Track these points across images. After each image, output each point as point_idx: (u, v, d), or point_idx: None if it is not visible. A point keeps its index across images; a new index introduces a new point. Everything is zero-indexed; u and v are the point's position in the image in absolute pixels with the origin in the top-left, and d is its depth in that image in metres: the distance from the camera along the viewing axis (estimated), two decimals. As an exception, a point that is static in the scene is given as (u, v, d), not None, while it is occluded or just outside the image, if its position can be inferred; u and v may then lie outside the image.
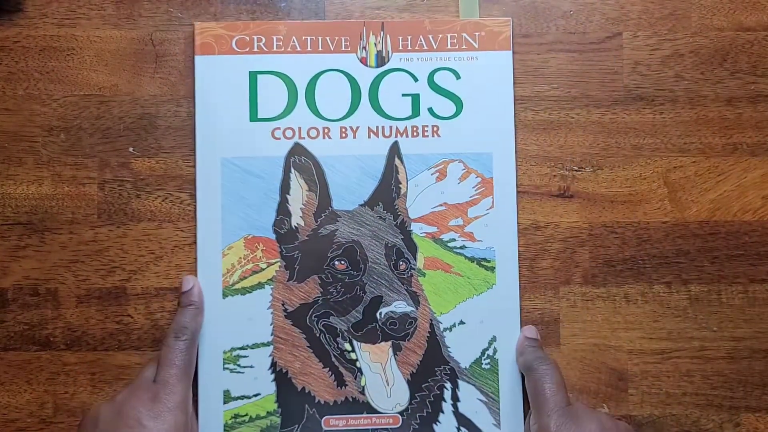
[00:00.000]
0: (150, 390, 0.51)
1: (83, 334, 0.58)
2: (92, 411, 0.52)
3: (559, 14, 0.59)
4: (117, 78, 0.59)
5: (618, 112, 0.59)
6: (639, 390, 0.58)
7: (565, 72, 0.59)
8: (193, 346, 0.54)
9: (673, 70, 0.59)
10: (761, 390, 0.58)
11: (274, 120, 0.58)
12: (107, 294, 0.58)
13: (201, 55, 0.58)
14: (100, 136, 0.59)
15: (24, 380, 0.58)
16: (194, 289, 0.56)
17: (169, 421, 0.50)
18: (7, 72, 0.59)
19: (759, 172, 0.59)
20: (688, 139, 0.59)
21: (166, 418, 0.50)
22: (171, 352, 0.53)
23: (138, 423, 0.49)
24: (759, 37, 0.59)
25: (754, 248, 0.58)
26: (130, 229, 0.58)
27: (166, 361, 0.52)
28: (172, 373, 0.52)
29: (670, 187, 0.59)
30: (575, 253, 0.58)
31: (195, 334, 0.55)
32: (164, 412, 0.50)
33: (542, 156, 0.59)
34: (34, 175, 0.59)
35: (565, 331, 0.58)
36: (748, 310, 0.58)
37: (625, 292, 0.58)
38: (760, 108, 0.59)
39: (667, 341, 0.58)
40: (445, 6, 0.59)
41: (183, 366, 0.52)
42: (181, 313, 0.55)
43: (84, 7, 0.59)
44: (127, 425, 0.49)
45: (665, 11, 0.59)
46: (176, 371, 0.52)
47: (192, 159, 0.58)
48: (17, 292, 0.58)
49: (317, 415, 0.57)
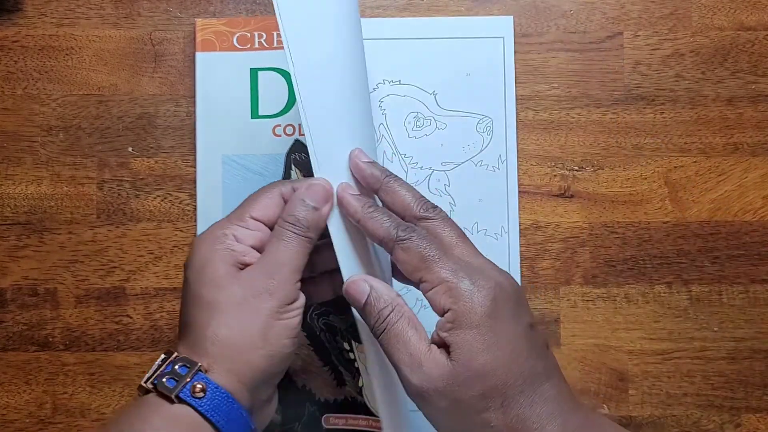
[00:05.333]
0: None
1: (82, 335, 0.58)
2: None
3: (559, 14, 0.59)
4: (116, 77, 0.59)
5: (618, 111, 0.59)
6: (639, 390, 0.58)
7: (565, 72, 0.59)
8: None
9: (673, 69, 0.59)
10: (762, 390, 0.58)
11: (275, 117, 0.58)
12: (106, 294, 0.58)
13: (202, 51, 0.58)
14: (99, 136, 0.59)
15: (23, 380, 0.58)
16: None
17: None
18: (5, 71, 0.59)
19: (760, 172, 0.59)
20: (688, 139, 0.59)
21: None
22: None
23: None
24: (760, 37, 0.59)
25: (754, 248, 0.58)
26: (129, 229, 0.58)
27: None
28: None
29: (671, 187, 0.59)
30: (576, 253, 0.58)
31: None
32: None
33: (542, 156, 0.59)
34: (32, 174, 0.58)
35: (566, 332, 0.58)
36: (749, 310, 0.58)
37: (625, 292, 0.58)
38: (761, 108, 0.59)
39: (667, 341, 0.58)
40: (445, 6, 0.59)
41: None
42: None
43: (83, 6, 0.59)
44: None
45: (666, 11, 0.59)
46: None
47: (191, 159, 0.58)
48: (16, 293, 0.58)
49: (318, 413, 0.56)
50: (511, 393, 0.39)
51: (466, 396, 0.39)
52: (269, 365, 0.42)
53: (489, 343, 0.39)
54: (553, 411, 0.39)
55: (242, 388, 0.41)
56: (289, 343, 0.43)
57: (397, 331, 0.41)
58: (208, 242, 0.44)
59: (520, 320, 0.41)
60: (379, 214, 0.43)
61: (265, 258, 0.43)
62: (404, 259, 0.42)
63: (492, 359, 0.39)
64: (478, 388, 0.39)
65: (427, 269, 0.41)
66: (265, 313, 0.42)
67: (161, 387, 0.40)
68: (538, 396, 0.39)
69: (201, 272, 0.43)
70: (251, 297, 0.42)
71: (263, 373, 0.42)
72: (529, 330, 0.41)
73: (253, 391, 0.42)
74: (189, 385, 0.40)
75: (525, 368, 0.40)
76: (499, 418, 0.39)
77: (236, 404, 0.41)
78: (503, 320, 0.40)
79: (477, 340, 0.39)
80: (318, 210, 0.44)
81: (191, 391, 0.40)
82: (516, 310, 0.41)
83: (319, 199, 0.44)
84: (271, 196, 0.45)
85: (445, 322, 0.40)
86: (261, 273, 0.42)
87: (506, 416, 0.39)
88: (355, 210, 0.44)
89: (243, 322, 0.42)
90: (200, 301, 0.42)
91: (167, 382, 0.40)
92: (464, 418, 0.39)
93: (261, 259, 0.43)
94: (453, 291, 0.40)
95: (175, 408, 0.40)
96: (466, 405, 0.39)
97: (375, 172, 0.45)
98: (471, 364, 0.39)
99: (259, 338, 0.42)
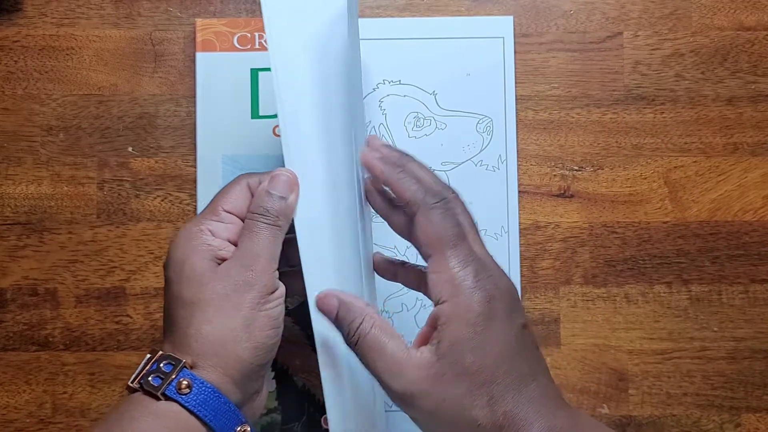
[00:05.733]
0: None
1: (82, 335, 0.58)
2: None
3: (559, 14, 0.59)
4: (116, 77, 0.59)
5: (618, 111, 0.59)
6: (639, 390, 0.58)
7: (565, 72, 0.59)
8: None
9: (673, 69, 0.59)
10: (762, 390, 0.58)
11: (275, 117, 0.58)
12: (106, 294, 0.58)
13: (202, 52, 0.58)
14: (99, 136, 0.59)
15: (23, 380, 0.58)
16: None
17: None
18: (6, 71, 0.59)
19: (760, 171, 0.59)
20: (688, 139, 0.59)
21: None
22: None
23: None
24: (759, 37, 0.59)
25: (754, 248, 0.58)
26: (130, 229, 0.58)
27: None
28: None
29: (671, 186, 0.59)
30: (575, 253, 0.58)
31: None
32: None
33: (542, 156, 0.59)
34: (33, 174, 0.58)
35: (566, 332, 0.58)
36: (749, 310, 0.58)
37: (625, 292, 0.58)
38: (761, 108, 0.59)
39: (667, 341, 0.58)
40: (445, 6, 0.59)
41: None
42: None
43: (83, 6, 0.59)
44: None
45: (666, 11, 0.59)
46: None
47: (191, 159, 0.58)
48: (16, 292, 0.58)
49: (317, 414, 0.56)
50: (498, 391, 0.39)
51: (452, 394, 0.39)
52: (254, 357, 0.42)
53: (479, 342, 0.39)
54: (540, 410, 0.39)
55: (229, 382, 0.42)
56: (273, 333, 0.43)
57: (370, 341, 0.41)
58: (184, 240, 0.44)
59: (513, 321, 0.41)
60: (406, 176, 0.43)
61: (240, 251, 0.43)
62: (424, 229, 0.42)
63: (480, 358, 0.39)
64: (465, 385, 0.39)
65: (440, 251, 0.41)
66: (247, 305, 0.42)
67: (147, 385, 0.41)
68: (524, 395, 0.39)
69: (180, 270, 0.43)
70: (231, 291, 0.42)
71: (249, 366, 0.42)
72: (521, 331, 0.41)
73: (240, 385, 0.42)
74: (174, 382, 0.40)
75: (513, 368, 0.40)
76: (485, 416, 0.39)
77: (223, 398, 0.41)
78: (497, 321, 0.40)
79: (468, 338, 0.39)
80: (284, 199, 0.44)
81: (177, 387, 0.40)
82: (510, 311, 0.41)
83: (284, 188, 0.44)
84: (240, 188, 0.46)
85: (440, 315, 0.40)
86: (238, 266, 0.43)
87: (493, 414, 0.39)
88: (382, 171, 0.44)
89: (225, 317, 0.42)
90: (181, 299, 0.42)
91: (153, 380, 0.41)
92: (451, 418, 0.39)
93: (236, 253, 0.43)
94: (456, 283, 0.40)
95: (162, 405, 0.40)
96: (452, 403, 0.39)
97: (392, 152, 0.45)
98: (459, 362, 0.39)
99: (242, 331, 0.42)
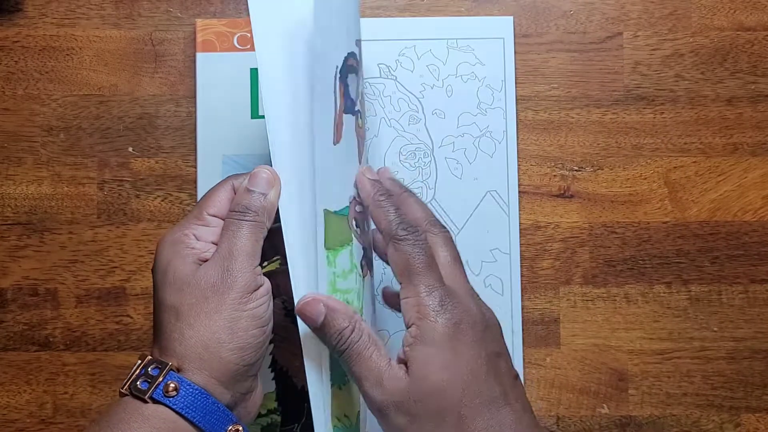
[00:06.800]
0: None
1: (83, 335, 0.58)
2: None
3: (559, 14, 0.59)
4: (116, 78, 0.59)
5: (618, 112, 0.59)
6: (639, 390, 0.58)
7: (565, 72, 0.59)
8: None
9: (673, 69, 0.59)
10: (762, 390, 0.58)
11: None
12: (107, 294, 0.58)
13: (202, 52, 0.58)
14: (100, 136, 0.59)
15: (23, 380, 0.58)
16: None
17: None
18: (6, 72, 0.59)
19: (759, 172, 0.59)
20: (688, 139, 0.59)
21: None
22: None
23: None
24: (759, 37, 0.59)
25: (754, 248, 0.58)
26: (130, 229, 0.58)
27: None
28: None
29: (671, 187, 0.59)
30: (575, 253, 0.58)
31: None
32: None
33: (542, 156, 0.59)
34: (33, 175, 0.58)
35: (565, 332, 0.58)
36: (749, 310, 0.58)
37: (625, 292, 0.58)
38: (761, 108, 0.59)
39: (667, 341, 0.58)
40: (445, 6, 0.59)
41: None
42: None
43: (83, 6, 0.59)
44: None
45: (665, 11, 0.59)
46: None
47: (191, 159, 0.58)
48: (17, 293, 0.58)
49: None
50: (467, 413, 0.39)
51: (423, 412, 0.40)
52: (240, 358, 0.42)
53: (447, 362, 0.40)
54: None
55: (216, 384, 0.41)
56: (259, 333, 0.43)
57: (359, 349, 0.42)
58: (168, 245, 0.44)
59: (484, 347, 0.41)
60: (388, 205, 0.44)
61: (218, 251, 0.43)
62: (393, 258, 0.43)
63: (448, 378, 0.40)
64: (434, 405, 0.40)
65: (408, 278, 0.42)
66: (228, 306, 0.42)
67: (135, 389, 0.41)
68: (495, 420, 0.40)
69: (164, 275, 0.43)
70: (211, 293, 0.42)
71: (235, 367, 0.42)
72: (493, 357, 0.42)
73: (229, 385, 0.42)
74: (161, 385, 0.40)
75: (483, 390, 0.40)
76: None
77: (211, 399, 0.41)
78: (464, 344, 0.41)
79: (435, 358, 0.40)
80: (265, 195, 0.44)
81: (164, 390, 0.40)
82: (481, 338, 0.42)
83: (264, 185, 0.44)
84: (225, 190, 0.46)
85: (408, 337, 0.41)
86: (216, 266, 0.43)
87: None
88: (368, 194, 0.45)
89: (206, 320, 0.42)
90: (165, 304, 0.43)
91: (141, 384, 0.41)
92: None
93: (214, 254, 0.43)
94: (421, 307, 0.41)
95: (150, 409, 0.40)
96: (423, 422, 0.40)
97: (395, 185, 0.47)
98: (427, 380, 0.40)
99: (224, 333, 0.41)
